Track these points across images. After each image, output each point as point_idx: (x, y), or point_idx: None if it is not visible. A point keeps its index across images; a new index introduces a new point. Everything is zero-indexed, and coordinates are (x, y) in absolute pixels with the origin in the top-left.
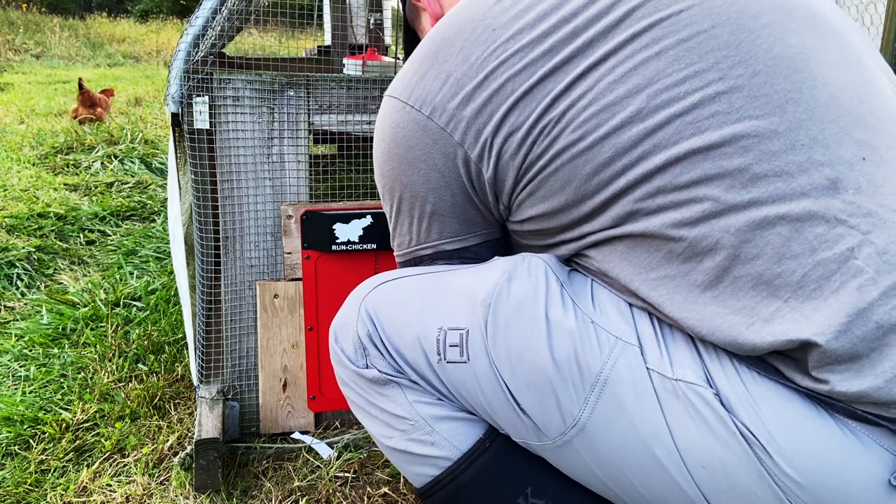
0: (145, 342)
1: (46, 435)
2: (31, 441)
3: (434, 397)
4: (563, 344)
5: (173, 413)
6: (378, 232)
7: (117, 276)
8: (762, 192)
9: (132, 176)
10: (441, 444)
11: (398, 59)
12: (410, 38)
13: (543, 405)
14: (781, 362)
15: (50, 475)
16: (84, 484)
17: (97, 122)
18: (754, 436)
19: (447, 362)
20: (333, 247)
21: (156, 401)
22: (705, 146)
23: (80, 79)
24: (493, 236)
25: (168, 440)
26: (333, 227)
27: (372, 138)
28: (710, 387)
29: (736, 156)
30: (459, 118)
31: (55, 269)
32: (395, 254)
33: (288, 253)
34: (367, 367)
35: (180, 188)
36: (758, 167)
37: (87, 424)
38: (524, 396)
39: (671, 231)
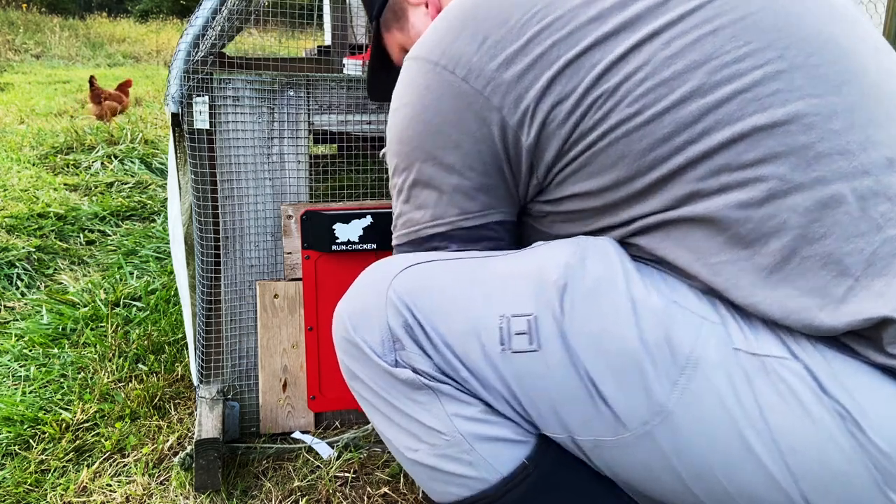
0: (145, 342)
1: (46, 435)
2: (31, 441)
3: (477, 409)
4: (652, 324)
5: (173, 413)
6: (378, 232)
7: (117, 276)
8: (826, 171)
9: (132, 176)
10: (479, 465)
11: None
12: (380, 64)
13: (628, 391)
14: (854, 340)
15: (50, 475)
16: (84, 484)
17: (112, 117)
18: (846, 408)
19: (513, 352)
20: (333, 247)
21: (156, 401)
22: (770, 123)
23: (91, 77)
24: (512, 217)
25: (168, 440)
26: (333, 227)
27: (372, 138)
28: (798, 360)
29: (800, 133)
30: (499, 81)
31: (55, 269)
32: (395, 235)
33: (288, 253)
34: (396, 364)
35: (180, 188)
36: (821, 145)
37: (87, 424)
38: (606, 383)
39: (735, 212)
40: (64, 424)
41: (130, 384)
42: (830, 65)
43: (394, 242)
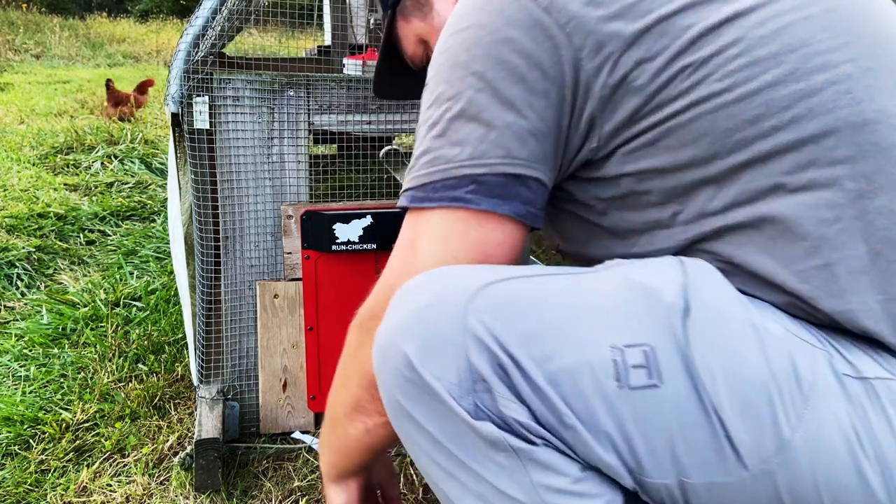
0: (145, 342)
1: (46, 435)
2: (31, 441)
3: (568, 479)
4: (778, 352)
5: (173, 413)
6: (378, 232)
7: (117, 276)
8: None
9: (132, 176)
10: None
11: None
12: (388, 61)
13: (754, 426)
14: None
15: (50, 475)
16: (84, 484)
17: (129, 116)
18: None
19: (630, 389)
20: (333, 247)
21: (156, 401)
22: (861, 121)
23: (107, 80)
24: (549, 184)
25: (168, 440)
26: (333, 227)
27: (372, 138)
28: None
29: (889, 133)
30: (583, 20)
31: (55, 269)
32: (412, 177)
33: (288, 253)
34: (476, 413)
35: (180, 188)
36: None
37: (87, 424)
38: (733, 418)
39: (823, 213)
40: (64, 424)
41: (130, 384)
42: None
43: (407, 185)
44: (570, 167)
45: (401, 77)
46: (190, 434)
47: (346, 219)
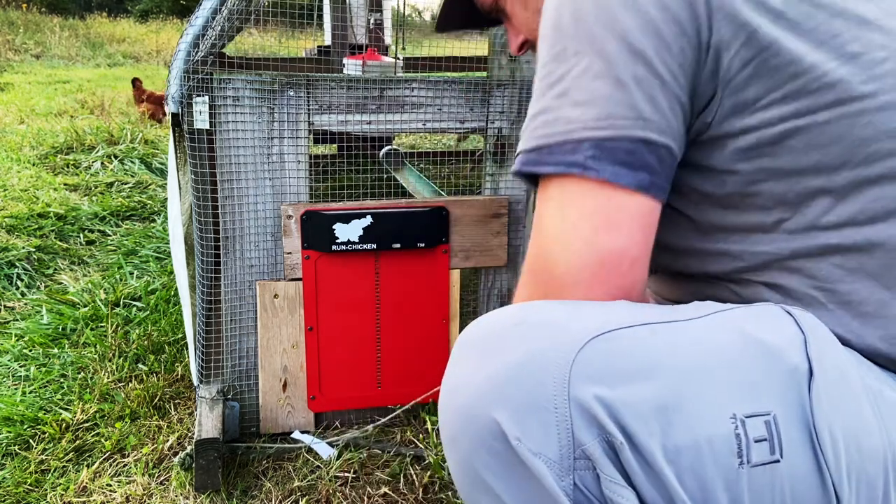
0: (145, 342)
1: (46, 435)
2: (31, 441)
3: None
4: (893, 421)
5: (173, 413)
6: (378, 232)
7: (117, 276)
8: None
9: (132, 176)
10: None
11: (398, 58)
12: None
13: (867, 499)
14: None
15: (50, 475)
16: (84, 484)
17: (160, 116)
18: None
19: (752, 466)
20: (333, 247)
21: (156, 401)
22: None
23: (134, 79)
24: (678, 157)
25: (168, 440)
26: (333, 227)
27: (372, 138)
28: None
29: None
30: None
31: (55, 269)
32: (526, 138)
33: (288, 253)
34: (575, 497)
35: (180, 188)
36: None
37: (87, 424)
38: (849, 492)
39: None
40: (64, 424)
41: (130, 384)
42: None
43: (521, 146)
44: (692, 123)
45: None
46: (190, 434)
47: (346, 219)
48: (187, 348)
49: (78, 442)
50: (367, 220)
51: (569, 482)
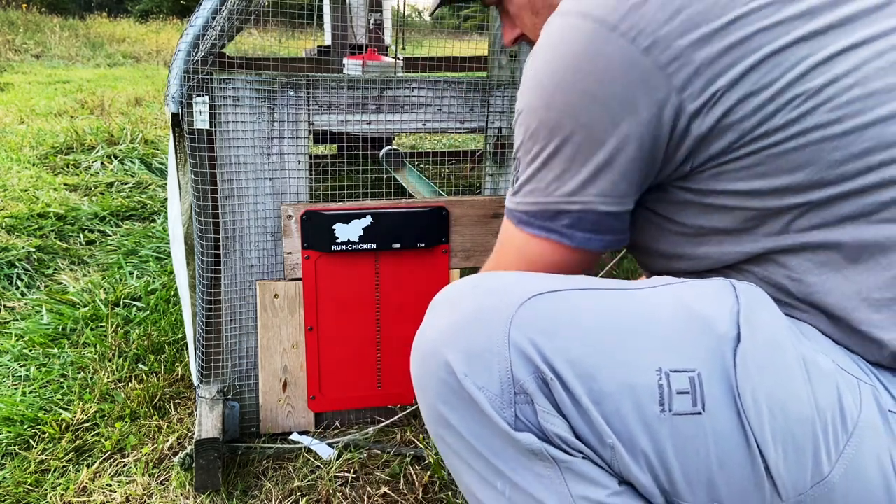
0: (145, 342)
1: (46, 435)
2: (31, 441)
3: (607, 492)
4: (825, 388)
5: (173, 413)
6: (378, 232)
7: (117, 276)
8: None
9: (132, 176)
10: None
11: (398, 59)
12: None
13: (795, 461)
14: None
15: (50, 475)
16: (84, 484)
17: None
18: None
19: (673, 415)
20: (333, 247)
21: (156, 401)
22: None
23: None
24: (632, 206)
25: (168, 440)
26: (333, 227)
27: (372, 138)
28: None
29: None
30: (687, 60)
31: (55, 269)
32: (516, 201)
33: (288, 253)
34: (516, 424)
35: (180, 188)
36: None
37: (87, 424)
38: (774, 452)
39: None
40: (64, 424)
41: (130, 384)
42: None
43: (510, 205)
44: (665, 179)
45: None
46: (190, 434)
47: (346, 219)
48: (187, 348)
49: (78, 442)
50: (367, 220)
51: (510, 413)
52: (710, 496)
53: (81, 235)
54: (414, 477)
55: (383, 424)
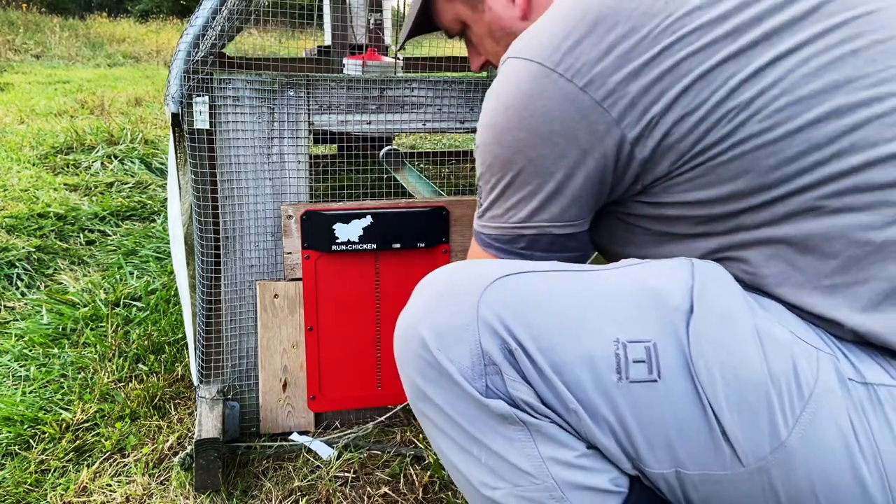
0: (145, 342)
1: (46, 435)
2: (31, 441)
3: (575, 453)
4: (779, 356)
5: (173, 413)
6: (378, 232)
7: (117, 276)
8: None
9: (132, 176)
10: None
11: (398, 58)
12: (420, 24)
13: (751, 426)
14: None
15: (50, 475)
16: (84, 484)
17: None
18: None
19: (630, 382)
20: (333, 247)
21: (156, 401)
22: None
23: None
24: (588, 225)
25: (168, 440)
26: (333, 227)
27: (372, 138)
28: None
29: None
30: (622, 94)
31: (55, 269)
32: (480, 224)
33: (288, 253)
34: (487, 392)
35: (180, 188)
36: None
37: (87, 424)
38: (730, 417)
39: (856, 234)
40: (64, 424)
41: (130, 384)
42: None
43: (477, 228)
44: (622, 197)
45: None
46: (190, 434)
47: (346, 219)
48: (187, 348)
49: (78, 442)
50: (367, 220)
51: (482, 384)
52: (673, 461)
53: (81, 235)
54: (414, 477)
55: (382, 422)
